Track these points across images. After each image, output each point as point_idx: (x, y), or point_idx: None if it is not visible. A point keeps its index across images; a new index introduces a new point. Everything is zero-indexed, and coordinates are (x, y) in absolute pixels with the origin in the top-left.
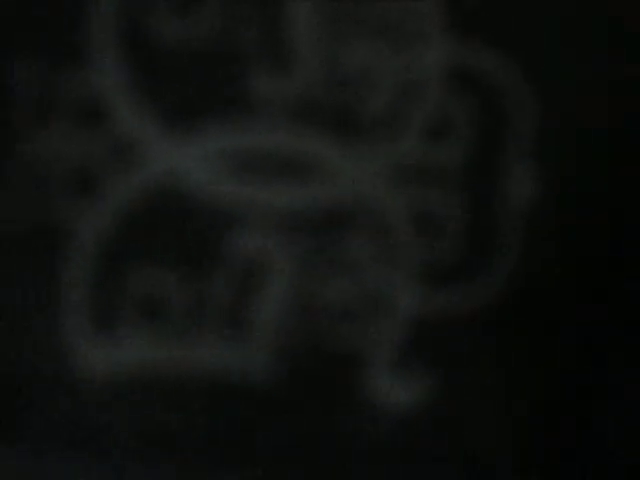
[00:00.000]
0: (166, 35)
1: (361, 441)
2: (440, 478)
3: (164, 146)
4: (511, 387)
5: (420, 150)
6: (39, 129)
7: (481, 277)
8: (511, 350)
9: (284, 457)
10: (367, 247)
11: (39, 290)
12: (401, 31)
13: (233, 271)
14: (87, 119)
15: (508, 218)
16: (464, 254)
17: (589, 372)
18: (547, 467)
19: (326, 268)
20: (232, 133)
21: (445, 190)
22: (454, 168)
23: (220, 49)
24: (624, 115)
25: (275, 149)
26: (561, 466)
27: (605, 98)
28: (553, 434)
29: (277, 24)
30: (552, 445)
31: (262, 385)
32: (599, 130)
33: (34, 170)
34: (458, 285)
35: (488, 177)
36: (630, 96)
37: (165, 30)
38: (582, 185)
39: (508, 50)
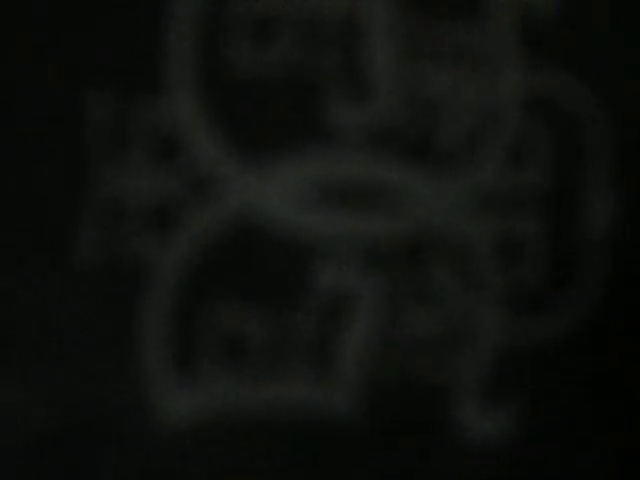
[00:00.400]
0: (243, 67)
1: (450, 470)
2: None
3: (242, 178)
4: (598, 414)
5: (500, 177)
6: (114, 163)
7: (565, 303)
8: (598, 377)
9: None
10: (450, 275)
11: (119, 328)
12: (478, 59)
13: (316, 304)
14: (163, 152)
15: (590, 244)
16: (547, 281)
17: None
18: None
19: (410, 298)
20: (311, 164)
21: (526, 217)
22: (534, 195)
23: (298, 79)
24: None
25: (355, 179)
26: None
27: None
28: None
29: (354, 53)
30: None
31: (348, 419)
32: None
33: (110, 204)
34: (542, 312)
35: (569, 203)
36: None
37: (242, 62)
38: None
39: (584, 76)
